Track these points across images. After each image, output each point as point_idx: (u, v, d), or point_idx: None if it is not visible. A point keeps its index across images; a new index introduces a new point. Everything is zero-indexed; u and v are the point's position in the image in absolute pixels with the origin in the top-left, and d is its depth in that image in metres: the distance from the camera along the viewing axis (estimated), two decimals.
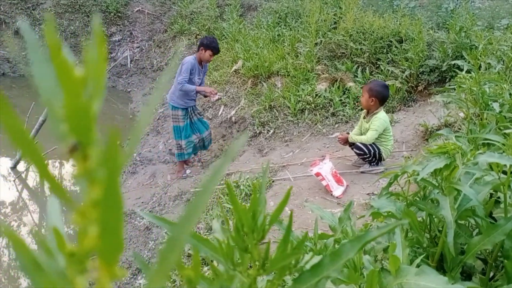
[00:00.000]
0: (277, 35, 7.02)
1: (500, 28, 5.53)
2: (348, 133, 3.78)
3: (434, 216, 1.30)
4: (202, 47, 4.61)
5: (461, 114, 3.65)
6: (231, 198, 0.44)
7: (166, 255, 0.22)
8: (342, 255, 0.45)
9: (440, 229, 1.38)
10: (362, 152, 3.55)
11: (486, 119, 2.25)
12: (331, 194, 3.37)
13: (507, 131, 1.30)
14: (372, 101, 3.49)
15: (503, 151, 1.23)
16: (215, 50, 4.69)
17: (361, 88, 3.93)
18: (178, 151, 4.87)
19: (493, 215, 1.45)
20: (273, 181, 3.80)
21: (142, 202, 4.65)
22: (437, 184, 1.20)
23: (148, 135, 6.72)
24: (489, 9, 6.62)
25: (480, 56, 3.58)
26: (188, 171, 5.00)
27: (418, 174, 1.30)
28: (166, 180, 5.04)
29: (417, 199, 1.34)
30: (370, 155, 3.54)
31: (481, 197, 1.08)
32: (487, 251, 1.34)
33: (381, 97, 3.50)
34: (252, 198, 0.44)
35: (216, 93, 4.72)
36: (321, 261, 0.45)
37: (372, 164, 3.66)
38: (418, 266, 0.92)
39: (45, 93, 0.24)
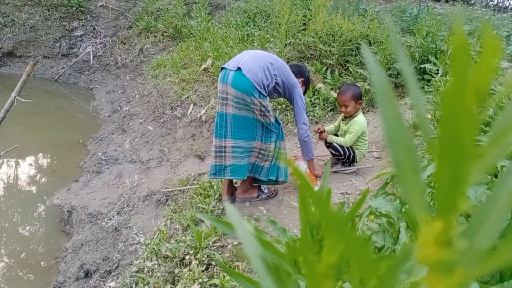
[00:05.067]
0: (246, 35, 7.01)
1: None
2: (322, 131, 3.75)
3: None
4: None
5: (429, 116, 3.77)
6: (301, 200, 0.42)
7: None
8: (410, 256, 0.44)
9: None
10: (337, 153, 3.57)
11: None
12: None
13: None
14: (359, 104, 3.52)
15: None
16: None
17: (337, 100, 3.61)
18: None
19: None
20: None
21: (109, 203, 4.50)
22: (433, 185, 1.22)
23: (113, 133, 6.54)
24: (450, 15, 6.88)
25: (449, 60, 3.72)
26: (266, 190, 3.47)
27: None
28: (134, 180, 4.92)
29: None
30: (345, 157, 3.58)
31: (479, 197, 1.10)
32: None
33: (361, 96, 3.55)
34: (325, 200, 0.42)
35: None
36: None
37: (345, 164, 3.71)
38: None
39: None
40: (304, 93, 3.44)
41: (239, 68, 2.81)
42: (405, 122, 0.21)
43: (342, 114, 3.69)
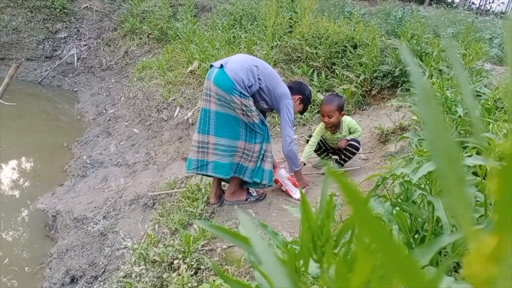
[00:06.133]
0: (233, 37, 7.00)
1: (446, 36, 5.84)
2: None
3: (417, 217, 1.33)
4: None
5: (414, 117, 3.81)
6: (303, 206, 0.41)
7: None
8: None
9: (418, 229, 1.42)
10: (358, 146, 3.59)
11: (446, 122, 2.35)
12: (292, 197, 3.40)
13: (482, 135, 1.36)
14: (342, 115, 3.54)
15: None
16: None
17: (321, 110, 3.53)
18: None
19: None
20: None
21: (95, 207, 4.44)
22: (423, 186, 1.23)
23: (98, 136, 6.46)
24: (434, 18, 6.97)
25: (434, 63, 3.76)
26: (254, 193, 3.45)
27: (403, 177, 1.32)
28: (120, 183, 4.86)
29: (400, 200, 1.36)
30: (358, 152, 3.64)
31: (469, 198, 1.11)
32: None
33: (343, 107, 3.58)
34: (326, 206, 0.41)
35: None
36: None
37: (341, 164, 3.70)
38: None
39: None
40: (303, 112, 3.45)
41: (222, 66, 2.82)
42: (448, 128, 0.20)
43: (322, 125, 3.64)
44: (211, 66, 2.96)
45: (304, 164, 3.60)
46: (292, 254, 0.44)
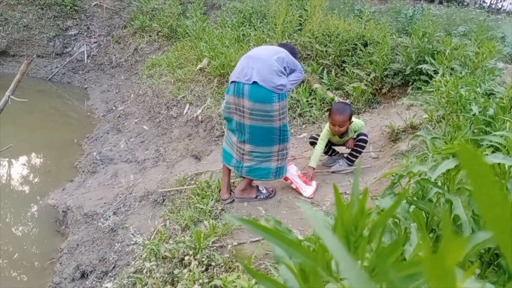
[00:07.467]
0: (242, 35, 7.00)
1: (457, 34, 5.79)
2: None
3: (433, 216, 1.32)
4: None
5: (426, 116, 3.79)
6: (337, 200, 0.41)
7: None
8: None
9: (434, 227, 1.41)
10: (366, 139, 3.61)
11: (460, 121, 2.33)
12: (303, 195, 3.39)
13: (499, 133, 1.34)
14: (351, 122, 3.53)
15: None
16: None
17: (332, 119, 3.45)
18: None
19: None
20: None
21: (105, 203, 4.47)
22: (440, 185, 1.22)
23: (108, 133, 6.49)
24: (445, 16, 6.91)
25: (447, 61, 3.73)
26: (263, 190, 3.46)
27: (420, 175, 1.31)
28: (130, 180, 4.88)
29: (416, 199, 1.35)
30: (366, 145, 3.65)
31: None
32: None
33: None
34: (360, 202, 0.41)
35: None
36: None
37: (352, 161, 3.69)
38: None
39: None
40: None
41: (254, 82, 2.81)
42: None
43: (329, 129, 3.59)
44: (233, 82, 2.91)
45: (314, 169, 3.60)
46: (324, 249, 0.43)
